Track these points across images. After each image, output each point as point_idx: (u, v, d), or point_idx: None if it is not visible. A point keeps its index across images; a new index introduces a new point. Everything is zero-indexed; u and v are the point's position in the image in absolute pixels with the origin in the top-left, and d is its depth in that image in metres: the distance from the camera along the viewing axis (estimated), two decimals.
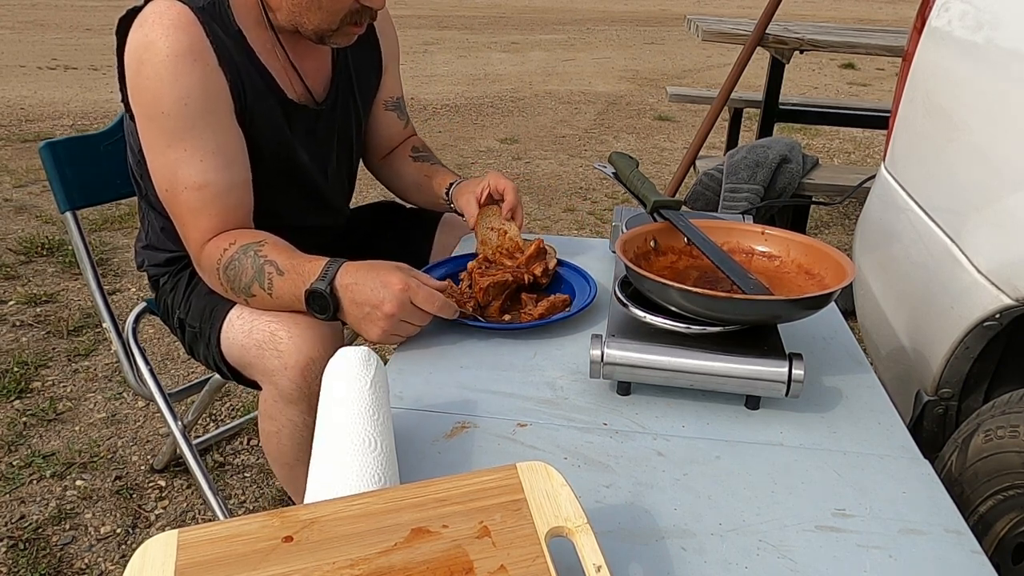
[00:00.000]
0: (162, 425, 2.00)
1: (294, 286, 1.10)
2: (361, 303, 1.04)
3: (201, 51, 1.11)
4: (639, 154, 4.74)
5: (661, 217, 1.13)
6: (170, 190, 1.15)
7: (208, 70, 1.12)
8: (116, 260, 3.03)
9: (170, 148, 1.12)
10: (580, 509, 0.65)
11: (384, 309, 1.03)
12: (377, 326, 1.04)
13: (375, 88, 1.44)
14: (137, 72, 1.11)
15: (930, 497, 0.81)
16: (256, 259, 1.12)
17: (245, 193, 1.19)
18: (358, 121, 1.41)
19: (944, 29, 1.51)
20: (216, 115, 1.14)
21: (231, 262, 1.13)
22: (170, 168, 1.13)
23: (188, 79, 1.10)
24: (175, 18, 1.10)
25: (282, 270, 1.11)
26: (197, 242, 1.16)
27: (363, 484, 0.71)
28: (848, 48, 3.04)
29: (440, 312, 1.05)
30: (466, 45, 8.69)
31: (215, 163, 1.14)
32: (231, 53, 1.16)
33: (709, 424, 0.92)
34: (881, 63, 8.10)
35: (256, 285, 1.12)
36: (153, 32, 1.09)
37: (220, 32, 1.14)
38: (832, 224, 3.76)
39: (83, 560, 1.61)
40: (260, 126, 1.21)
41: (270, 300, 1.13)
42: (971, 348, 1.29)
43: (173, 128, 1.11)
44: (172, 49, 1.09)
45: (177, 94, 1.10)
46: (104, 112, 5.19)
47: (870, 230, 1.74)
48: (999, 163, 1.25)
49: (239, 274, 1.13)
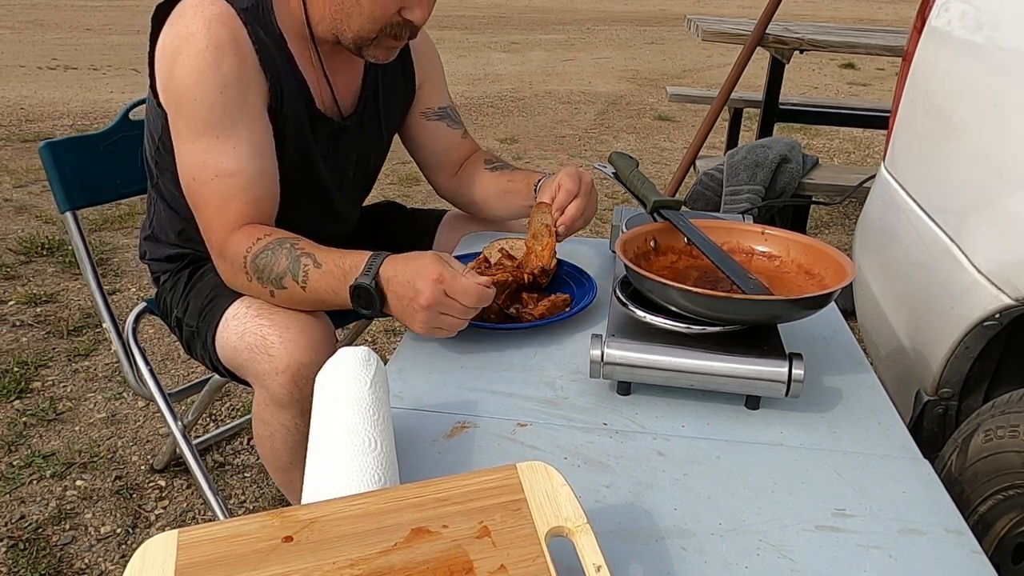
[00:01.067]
0: (162, 425, 2.00)
1: (334, 280, 1.07)
2: (400, 296, 1.02)
3: (241, 46, 1.12)
4: (639, 154, 4.74)
5: (661, 217, 1.13)
6: (198, 179, 1.13)
7: (247, 65, 1.12)
8: (116, 260, 3.03)
9: (203, 137, 1.12)
10: (580, 509, 0.65)
11: (419, 301, 0.99)
12: (417, 319, 1.01)
13: (405, 107, 1.43)
14: (174, 61, 1.11)
15: (930, 497, 0.81)
16: (292, 251, 1.10)
17: (273, 184, 1.18)
18: (379, 139, 1.41)
19: (944, 29, 1.51)
20: (251, 107, 1.14)
21: (263, 252, 1.11)
22: (200, 156, 1.12)
23: (227, 70, 1.10)
24: (218, 14, 1.10)
25: (320, 263, 1.08)
26: (224, 230, 1.14)
27: (363, 484, 0.71)
28: (848, 48, 3.04)
29: (479, 303, 1.01)
30: (466, 45, 8.69)
31: (248, 151, 1.13)
32: (272, 55, 1.16)
33: (709, 424, 0.92)
34: (881, 63, 8.11)
35: (289, 277, 1.09)
36: (194, 24, 1.09)
37: (262, 33, 1.15)
38: (832, 224, 3.76)
39: (83, 560, 1.60)
40: (287, 131, 1.21)
41: (301, 294, 1.10)
42: (971, 348, 1.29)
43: (207, 117, 1.11)
44: (212, 41, 1.09)
45: (215, 84, 1.09)
46: (104, 112, 5.19)
47: (870, 230, 1.74)
48: (999, 163, 1.25)
49: (271, 264, 1.10)
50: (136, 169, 1.54)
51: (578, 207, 1.20)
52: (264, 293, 1.14)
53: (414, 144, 1.48)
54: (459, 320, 1.02)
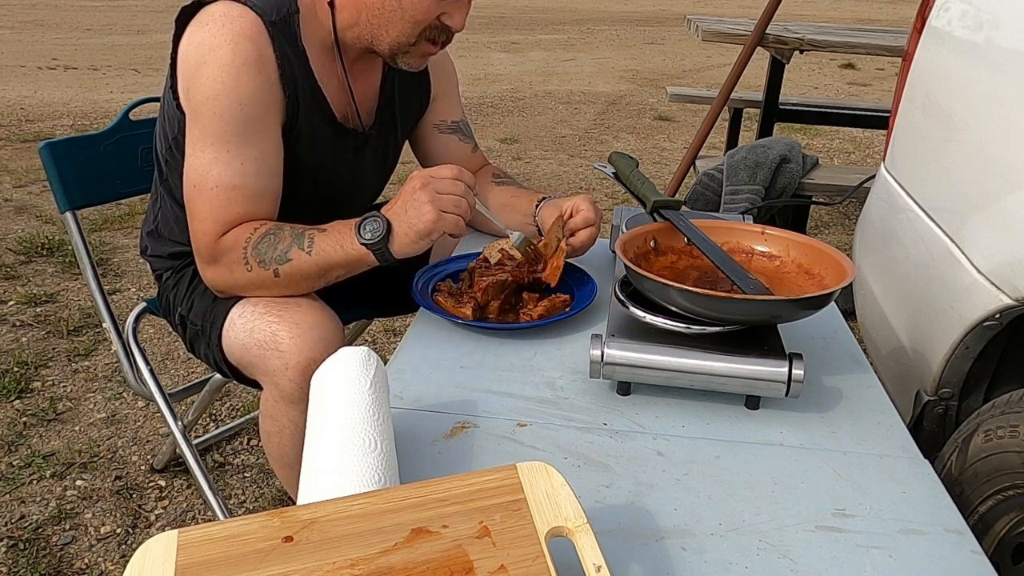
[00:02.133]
0: (162, 425, 2.00)
1: (340, 236, 1.11)
2: (400, 204, 1.09)
3: (266, 64, 1.12)
4: (639, 154, 4.74)
5: (661, 217, 1.13)
6: (198, 186, 1.14)
7: (269, 83, 1.13)
8: (116, 260, 3.03)
9: (212, 146, 1.12)
10: (580, 509, 0.65)
11: (415, 190, 1.07)
12: (423, 209, 1.06)
13: (417, 116, 1.44)
14: (197, 69, 1.11)
15: (930, 497, 0.81)
16: (294, 230, 1.13)
17: (273, 204, 1.19)
18: (395, 148, 1.42)
19: (944, 29, 1.51)
20: (266, 125, 1.15)
21: (264, 237, 1.13)
22: (206, 165, 1.13)
23: (248, 88, 1.10)
24: (246, 27, 1.10)
25: (323, 229, 1.12)
26: (212, 235, 1.14)
27: (363, 485, 0.71)
28: (848, 48, 3.04)
29: (460, 176, 1.08)
30: (466, 45, 8.69)
31: (254, 169, 1.14)
32: (293, 70, 1.16)
33: (709, 424, 0.92)
34: (881, 63, 8.10)
35: (295, 248, 1.12)
36: (222, 35, 1.09)
37: (287, 48, 1.15)
38: (832, 224, 3.76)
39: (83, 560, 1.60)
40: (305, 144, 1.22)
41: (307, 262, 1.12)
42: (971, 348, 1.29)
43: (221, 130, 1.11)
44: (238, 56, 1.09)
45: (235, 100, 1.10)
46: (104, 112, 5.19)
47: (870, 230, 1.74)
48: (999, 163, 1.25)
49: (274, 244, 1.12)
50: (136, 169, 1.54)
51: (591, 235, 1.26)
52: (266, 277, 1.14)
53: (423, 154, 1.50)
54: (456, 196, 1.07)
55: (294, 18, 1.16)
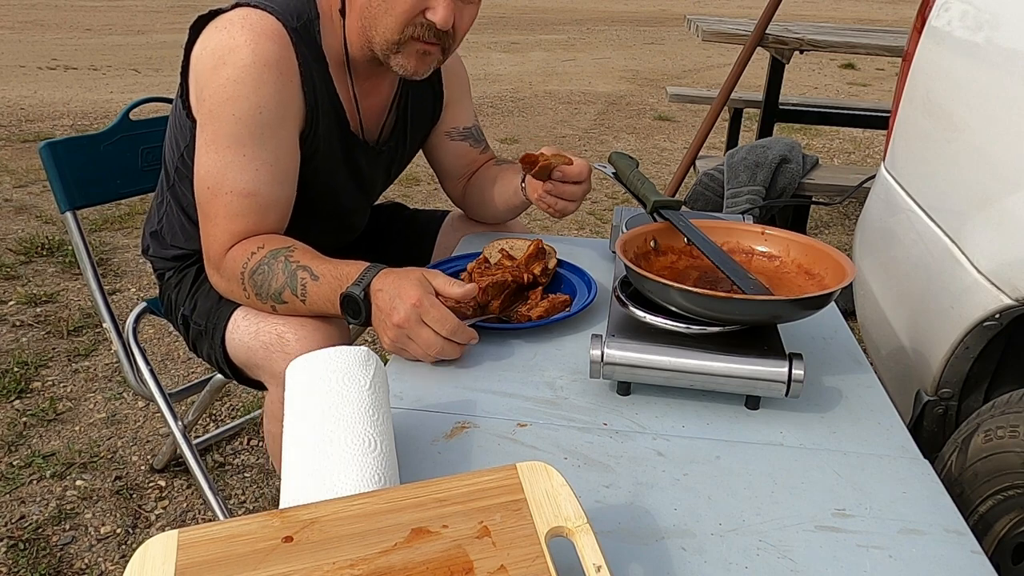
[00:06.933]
0: (162, 425, 2.00)
1: (331, 290, 1.07)
2: (380, 308, 1.01)
3: (287, 67, 1.10)
4: (639, 154, 4.74)
5: (661, 217, 1.13)
6: (212, 188, 1.12)
7: (289, 87, 1.11)
8: (116, 260, 3.03)
9: (228, 149, 1.10)
10: (580, 509, 0.65)
11: (392, 319, 0.99)
12: (386, 335, 1.01)
13: (430, 126, 1.44)
14: (214, 70, 1.08)
15: (930, 497, 0.81)
16: (288, 264, 1.09)
17: (285, 213, 1.18)
18: (400, 160, 1.42)
19: (944, 29, 1.51)
20: (284, 130, 1.13)
21: (259, 267, 1.10)
22: (220, 168, 1.11)
23: (268, 89, 1.09)
24: (268, 29, 1.09)
25: (317, 275, 1.08)
26: (222, 245, 1.13)
27: (363, 484, 0.71)
28: (848, 48, 3.04)
29: (452, 335, 0.98)
30: (466, 45, 8.68)
31: (269, 175, 1.12)
32: (314, 77, 1.15)
33: (709, 424, 0.92)
34: (881, 63, 8.10)
35: (288, 291, 1.09)
36: (241, 37, 1.07)
37: (308, 54, 1.13)
38: (832, 224, 3.76)
39: (83, 560, 1.61)
40: (322, 153, 1.21)
41: (303, 307, 1.10)
42: (971, 348, 1.29)
43: (238, 132, 1.09)
44: (258, 57, 1.07)
45: (254, 102, 1.08)
46: (104, 112, 5.19)
47: (870, 230, 1.74)
48: (999, 163, 1.25)
49: (268, 280, 1.10)
50: (136, 169, 1.54)
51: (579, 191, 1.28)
52: (265, 308, 1.15)
53: (434, 158, 1.50)
54: (424, 348, 0.99)
55: (315, 24, 1.15)
